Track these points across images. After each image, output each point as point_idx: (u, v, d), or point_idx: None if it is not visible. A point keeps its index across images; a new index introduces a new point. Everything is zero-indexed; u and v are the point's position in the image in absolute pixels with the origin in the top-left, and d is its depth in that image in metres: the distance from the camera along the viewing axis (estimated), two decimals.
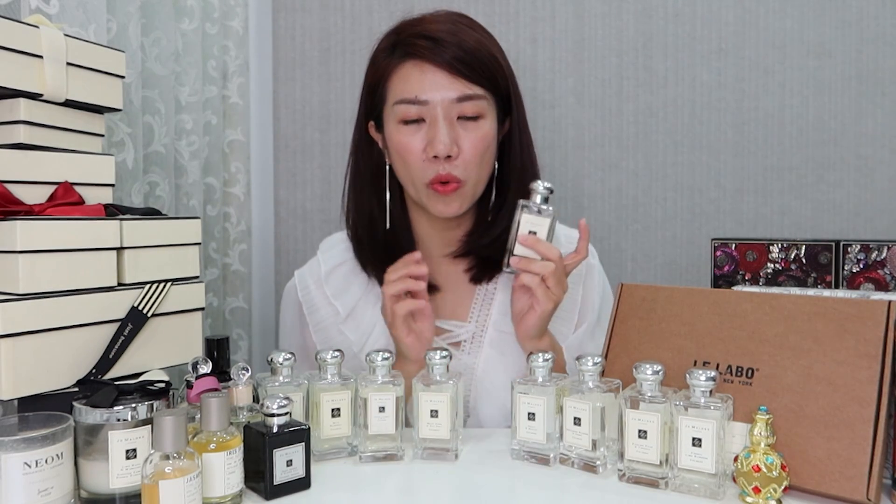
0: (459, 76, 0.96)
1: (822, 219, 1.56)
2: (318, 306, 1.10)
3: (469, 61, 0.96)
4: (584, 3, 1.59)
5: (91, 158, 0.88)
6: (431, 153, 0.96)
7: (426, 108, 0.96)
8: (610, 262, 1.61)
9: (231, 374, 0.81)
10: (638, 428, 0.76)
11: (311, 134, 1.68)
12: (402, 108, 0.97)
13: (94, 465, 0.70)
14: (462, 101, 0.96)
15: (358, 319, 1.08)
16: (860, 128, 1.54)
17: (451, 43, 0.96)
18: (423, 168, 0.98)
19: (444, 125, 0.96)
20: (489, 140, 1.00)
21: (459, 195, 1.00)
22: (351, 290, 1.10)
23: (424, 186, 0.99)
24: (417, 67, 0.97)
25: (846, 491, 0.70)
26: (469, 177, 0.99)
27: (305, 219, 1.70)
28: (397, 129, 0.99)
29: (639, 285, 0.92)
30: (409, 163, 0.99)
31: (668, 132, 1.59)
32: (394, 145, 1.01)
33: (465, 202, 1.01)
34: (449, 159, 0.97)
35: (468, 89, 0.96)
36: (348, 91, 1.67)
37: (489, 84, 0.99)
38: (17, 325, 0.73)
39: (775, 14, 1.55)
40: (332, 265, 1.11)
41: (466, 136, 0.97)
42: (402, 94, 0.98)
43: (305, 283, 1.12)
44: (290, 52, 1.67)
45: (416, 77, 0.97)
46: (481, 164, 1.00)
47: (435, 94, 0.96)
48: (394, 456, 0.85)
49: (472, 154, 0.98)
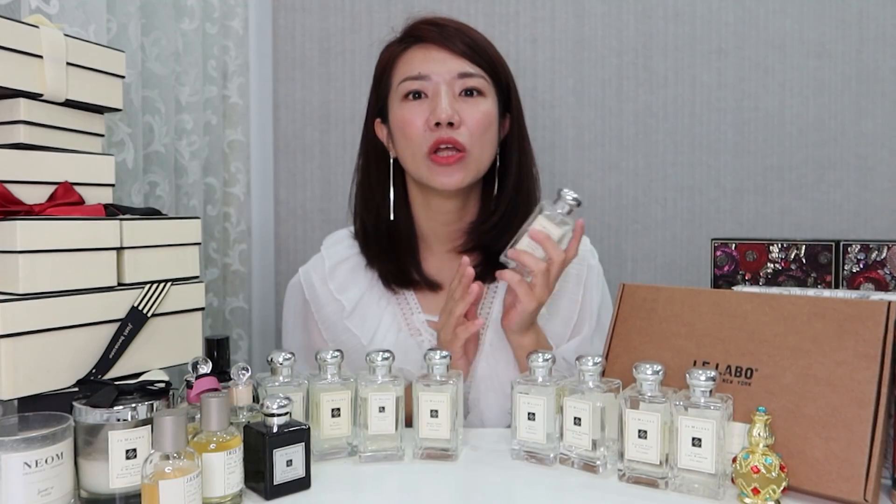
0: (462, 56, 1.01)
1: (822, 219, 1.56)
2: (324, 302, 1.10)
3: (472, 45, 1.02)
4: (584, 3, 1.59)
5: (91, 158, 0.88)
6: (433, 121, 0.99)
7: (429, 83, 1.00)
8: (610, 262, 1.61)
9: (231, 374, 0.81)
10: (638, 428, 0.76)
11: (311, 134, 1.68)
12: (406, 84, 1.01)
13: (94, 465, 0.70)
14: (463, 77, 1.01)
15: (363, 313, 1.09)
16: (860, 128, 1.54)
17: (456, 30, 1.02)
18: (423, 137, 1.00)
19: (445, 96, 0.99)
20: (491, 118, 1.02)
21: (462, 166, 1.00)
22: (355, 285, 1.10)
23: (425, 157, 1.01)
24: (422, 49, 1.02)
25: (843, 492, 0.70)
26: (473, 146, 1.00)
27: (305, 219, 1.70)
28: (401, 106, 1.03)
29: (640, 286, 0.92)
30: (410, 135, 1.01)
31: (668, 132, 1.59)
32: (396, 122, 1.03)
33: (467, 174, 1.01)
34: (451, 127, 0.99)
35: (470, 68, 1.01)
36: (348, 91, 1.67)
37: (490, 70, 1.03)
38: (17, 325, 0.73)
39: (775, 14, 1.55)
40: (336, 261, 1.12)
41: (468, 109, 1.00)
42: (407, 73, 1.02)
43: (311, 281, 1.12)
44: (290, 52, 1.67)
45: (421, 56, 1.02)
46: (483, 139, 1.02)
47: (438, 67, 1.00)
48: (394, 456, 0.85)
49: (474, 125, 1.00)
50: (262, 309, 1.67)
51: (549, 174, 1.60)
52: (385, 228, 1.08)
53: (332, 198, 1.69)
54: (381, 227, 1.09)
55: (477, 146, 1.01)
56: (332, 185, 1.68)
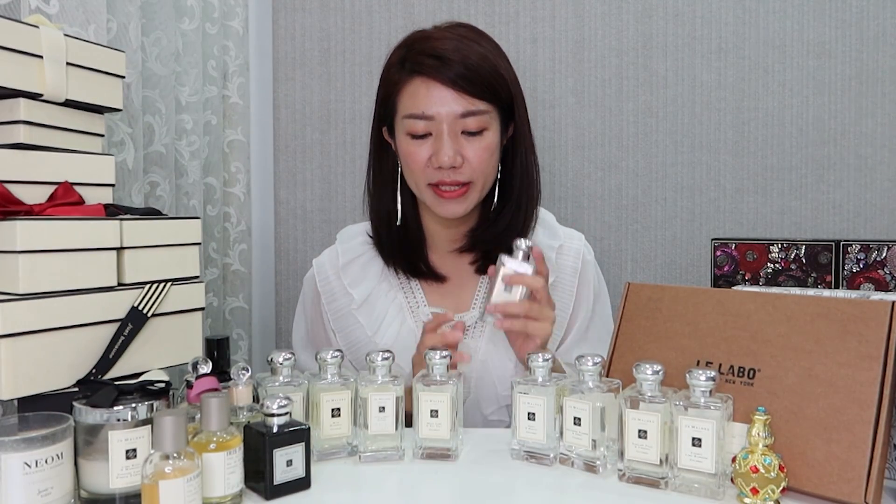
0: (464, 93, 1.02)
1: (822, 219, 1.56)
2: (337, 295, 1.15)
3: (472, 78, 1.02)
4: (584, 3, 1.59)
5: (91, 158, 0.88)
6: (436, 164, 1.03)
7: (432, 123, 1.03)
8: (610, 262, 1.61)
9: (231, 374, 0.81)
10: (638, 428, 0.76)
11: (311, 134, 1.68)
12: (410, 122, 1.04)
13: (94, 465, 0.70)
14: (466, 117, 1.02)
15: (372, 305, 1.14)
16: (860, 128, 1.54)
17: (455, 61, 1.02)
18: (426, 173, 1.05)
19: (448, 139, 1.02)
20: (492, 149, 1.06)
21: (465, 197, 1.06)
22: (367, 279, 1.16)
23: (427, 188, 1.06)
24: (424, 84, 1.03)
25: (844, 494, 0.70)
26: (476, 179, 1.05)
27: (305, 219, 1.70)
28: (405, 141, 1.06)
29: (645, 285, 0.92)
30: (415, 169, 1.06)
31: (668, 132, 1.59)
32: (402, 154, 1.08)
33: (471, 203, 1.07)
34: (453, 170, 1.03)
35: (472, 105, 1.02)
36: (348, 91, 1.67)
37: (492, 97, 1.04)
38: (17, 325, 0.73)
39: (775, 14, 1.55)
40: (350, 257, 1.17)
41: (470, 147, 1.04)
42: (410, 110, 1.04)
43: (325, 273, 1.17)
44: (290, 52, 1.67)
45: (423, 93, 1.03)
46: (486, 169, 1.06)
47: (440, 108, 1.02)
48: (394, 456, 0.85)
49: (476, 161, 1.04)
50: (262, 309, 1.67)
51: (549, 174, 1.60)
52: (395, 228, 1.13)
53: (332, 198, 1.69)
54: (392, 227, 1.13)
55: (480, 177, 1.06)
56: (332, 185, 1.68)
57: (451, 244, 1.15)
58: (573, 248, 1.16)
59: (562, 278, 1.14)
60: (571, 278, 1.14)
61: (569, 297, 1.14)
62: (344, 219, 1.67)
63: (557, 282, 1.13)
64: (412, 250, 1.13)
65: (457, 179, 1.03)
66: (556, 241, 1.15)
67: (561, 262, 1.14)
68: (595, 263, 1.20)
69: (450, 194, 1.04)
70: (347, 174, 1.68)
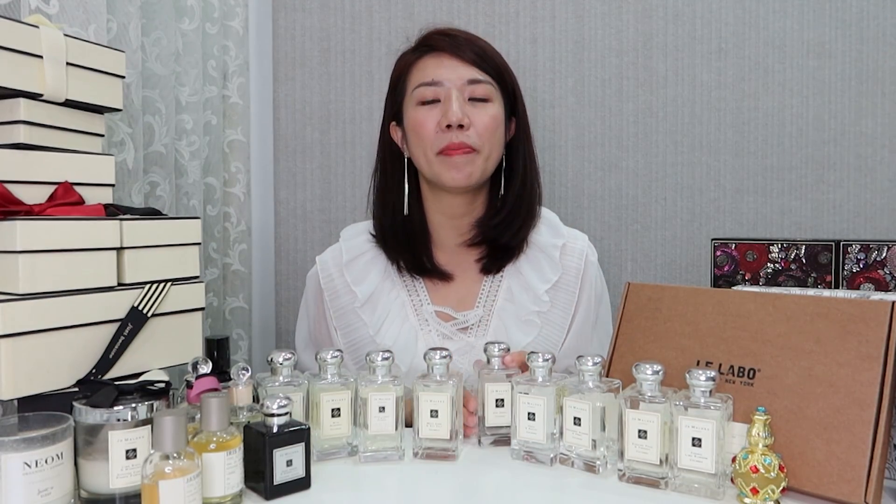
0: (472, 64, 1.09)
1: (822, 219, 1.56)
2: (340, 292, 1.16)
3: (481, 55, 1.10)
4: (584, 3, 1.59)
5: (91, 158, 0.88)
6: (445, 123, 1.06)
7: (441, 89, 1.08)
8: (610, 262, 1.61)
9: (231, 374, 0.81)
10: (638, 428, 0.76)
11: (311, 134, 1.68)
12: (420, 90, 1.09)
13: (94, 465, 0.70)
14: (473, 84, 1.08)
15: (375, 303, 1.14)
16: (860, 128, 1.54)
17: (466, 40, 1.10)
18: (435, 138, 1.07)
19: (456, 100, 1.06)
20: (498, 121, 1.10)
21: (471, 161, 1.07)
22: (370, 277, 1.16)
23: (436, 155, 1.08)
24: (435, 57, 1.10)
25: (844, 494, 0.70)
26: (482, 146, 1.08)
27: (305, 219, 1.70)
28: (415, 110, 1.10)
29: (645, 285, 0.92)
30: (423, 135, 1.08)
31: (668, 132, 1.59)
32: (410, 124, 1.11)
33: (475, 171, 1.08)
34: (461, 129, 1.06)
35: (479, 75, 1.09)
36: (348, 91, 1.67)
37: (497, 77, 1.10)
38: (17, 325, 0.73)
39: (775, 14, 1.55)
40: (353, 255, 1.17)
41: (477, 113, 1.08)
42: (421, 80, 1.10)
43: (328, 270, 1.18)
44: (290, 52, 1.67)
45: (434, 64, 1.10)
46: (491, 140, 1.09)
47: (450, 73, 1.08)
48: (394, 456, 0.85)
49: (482, 127, 1.07)
50: (262, 309, 1.67)
51: (549, 174, 1.60)
52: (401, 223, 1.15)
53: (332, 198, 1.69)
54: (397, 222, 1.15)
55: (486, 146, 1.08)
56: (332, 185, 1.68)
57: (457, 237, 1.15)
58: (577, 248, 1.16)
59: (564, 278, 1.14)
60: (574, 278, 1.14)
61: (570, 297, 1.14)
62: (344, 218, 1.66)
63: (560, 281, 1.13)
64: (417, 246, 1.14)
65: (463, 141, 1.06)
66: (560, 239, 1.15)
67: (564, 262, 1.14)
68: (598, 266, 1.20)
69: (457, 152, 1.06)
70: (347, 174, 1.68)
